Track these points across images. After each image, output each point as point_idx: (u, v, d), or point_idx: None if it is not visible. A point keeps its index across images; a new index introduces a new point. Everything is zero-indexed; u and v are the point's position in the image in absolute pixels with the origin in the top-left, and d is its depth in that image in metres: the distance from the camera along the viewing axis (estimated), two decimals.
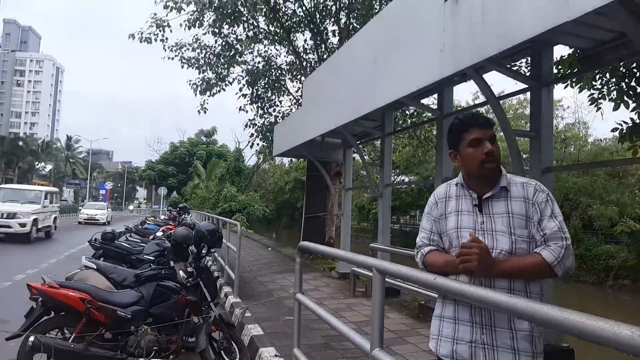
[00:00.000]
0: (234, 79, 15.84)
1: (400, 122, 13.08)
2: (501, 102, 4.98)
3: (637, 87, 5.24)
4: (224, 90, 15.75)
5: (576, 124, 29.91)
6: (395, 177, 35.58)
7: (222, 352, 4.74)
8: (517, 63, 7.06)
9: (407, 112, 12.85)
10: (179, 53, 15.33)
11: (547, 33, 3.27)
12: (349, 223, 10.42)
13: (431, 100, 10.67)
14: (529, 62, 5.57)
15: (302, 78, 15.36)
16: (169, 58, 15.28)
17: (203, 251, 5.09)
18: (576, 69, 5.36)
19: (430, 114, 8.40)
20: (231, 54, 14.85)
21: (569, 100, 59.66)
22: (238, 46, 14.95)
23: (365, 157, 14.10)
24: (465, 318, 2.01)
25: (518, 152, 4.90)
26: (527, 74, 5.54)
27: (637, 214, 24.00)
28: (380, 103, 5.79)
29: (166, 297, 4.57)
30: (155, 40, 14.27)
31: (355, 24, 13.87)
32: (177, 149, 60.07)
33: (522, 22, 3.28)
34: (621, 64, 5.15)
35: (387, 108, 7.05)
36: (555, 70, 5.37)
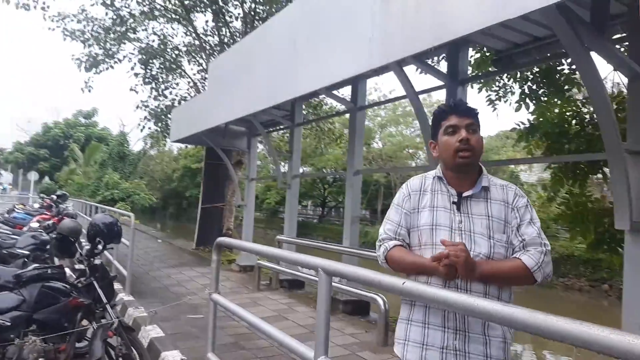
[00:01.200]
0: (124, 57, 14.57)
1: (305, 112, 12.98)
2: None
3: (539, 89, 5.61)
4: (112, 67, 14.44)
5: None
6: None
7: (120, 359, 4.22)
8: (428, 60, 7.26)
9: (311, 102, 12.79)
10: (61, 24, 13.71)
11: (478, 31, 3.29)
12: (252, 214, 10.09)
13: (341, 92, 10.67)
14: (444, 58, 5.70)
15: (202, 61, 14.59)
16: (49, 29, 13.57)
17: (99, 247, 4.48)
18: (486, 70, 5.60)
19: (336, 106, 8.33)
20: (123, 29, 13.59)
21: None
22: (131, 21, 13.72)
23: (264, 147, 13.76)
24: (437, 322, 1.87)
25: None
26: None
27: None
28: (299, 92, 5.56)
29: (53, 300, 3.94)
30: (35, 7, 12.62)
31: (260, 10, 13.42)
32: (51, 130, 54.35)
33: (461, 17, 3.25)
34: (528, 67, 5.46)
35: (302, 98, 6.85)
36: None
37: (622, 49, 4.28)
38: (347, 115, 8.59)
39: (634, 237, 3.38)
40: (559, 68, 5.74)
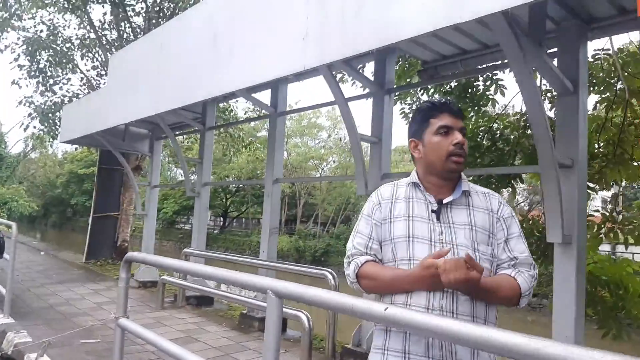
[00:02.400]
0: (6, 47, 12.87)
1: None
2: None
3: (458, 104, 5.71)
4: None
5: None
6: (190, 175, 34.24)
7: None
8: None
9: (220, 106, 12.19)
10: None
11: (409, 39, 3.16)
12: (153, 225, 9.27)
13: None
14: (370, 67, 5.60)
15: (97, 56, 13.34)
16: None
17: None
18: (406, 81, 5.59)
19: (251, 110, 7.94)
20: (6, 15, 11.99)
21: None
22: (16, 7, 12.16)
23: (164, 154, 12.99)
24: (419, 352, 1.61)
25: (362, 156, 4.83)
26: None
27: None
28: (217, 92, 5.10)
29: None
30: None
31: (165, 6, 12.61)
32: None
33: (406, 20, 3.08)
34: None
35: (218, 99, 6.38)
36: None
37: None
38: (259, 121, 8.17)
39: (564, 249, 3.43)
40: (475, 83, 5.91)
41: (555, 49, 3.76)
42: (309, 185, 31.79)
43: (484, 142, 6.31)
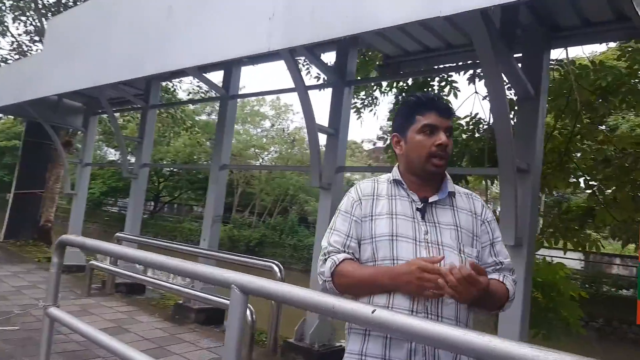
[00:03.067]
0: None
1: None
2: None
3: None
4: None
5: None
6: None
7: None
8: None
9: (163, 85, 11.57)
10: None
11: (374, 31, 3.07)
12: (83, 206, 8.64)
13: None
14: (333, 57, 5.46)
15: (32, 19, 12.25)
16: None
17: None
18: (365, 74, 5.52)
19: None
20: None
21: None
22: None
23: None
24: (401, 357, 1.51)
25: (318, 147, 4.69)
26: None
27: None
28: (166, 67, 4.76)
29: None
30: None
31: None
32: None
33: (383, 8, 2.97)
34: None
35: (165, 76, 6.01)
36: None
37: None
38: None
39: (516, 252, 3.48)
40: (431, 83, 5.95)
41: (520, 54, 3.81)
42: (248, 174, 31.26)
43: None
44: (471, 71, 6.23)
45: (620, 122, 7.77)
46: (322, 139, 4.88)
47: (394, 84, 6.05)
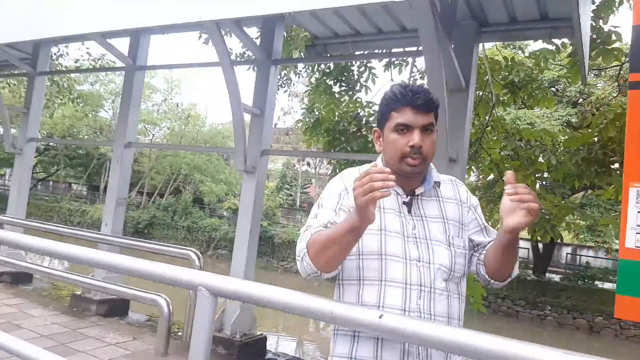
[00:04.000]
0: None
1: None
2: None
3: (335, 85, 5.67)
4: None
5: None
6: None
7: None
8: None
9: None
10: None
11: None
12: None
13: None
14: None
15: None
16: None
17: None
18: (287, 53, 5.34)
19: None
20: None
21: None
22: None
23: None
24: (394, 359, 1.43)
25: (244, 128, 4.45)
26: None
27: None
28: (65, 31, 4.19)
29: None
30: None
31: None
32: None
33: None
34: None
35: (57, 41, 5.32)
36: None
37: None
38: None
39: None
40: (352, 68, 5.94)
41: (453, 46, 3.89)
42: (136, 151, 29.35)
43: (350, 127, 6.43)
44: (387, 59, 6.35)
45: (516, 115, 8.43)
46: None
47: (316, 66, 5.94)
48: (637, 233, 1.60)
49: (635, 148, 1.62)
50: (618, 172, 4.50)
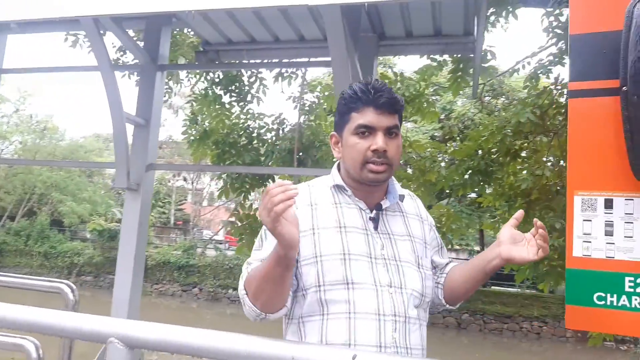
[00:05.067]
0: None
1: None
2: None
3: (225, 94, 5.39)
4: None
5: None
6: None
7: None
8: None
9: None
10: None
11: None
12: None
13: None
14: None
15: None
16: None
17: None
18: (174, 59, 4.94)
19: None
20: None
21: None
22: None
23: None
24: None
25: (126, 140, 3.95)
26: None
27: (107, 212, 25.38)
28: None
29: None
30: None
31: None
32: None
33: None
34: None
35: None
36: None
37: None
38: None
39: None
40: (243, 78, 5.70)
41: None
42: None
43: (241, 139, 6.16)
44: (277, 69, 6.23)
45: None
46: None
47: (205, 75, 5.56)
48: (583, 242, 1.60)
49: (577, 157, 1.62)
50: (499, 181, 4.88)
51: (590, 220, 1.54)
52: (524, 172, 4.93)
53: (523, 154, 5.15)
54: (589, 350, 14.12)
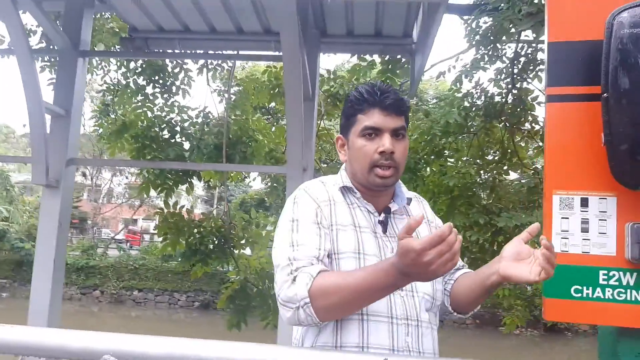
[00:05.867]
0: None
1: None
2: None
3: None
4: None
5: None
6: None
7: None
8: None
9: None
10: None
11: None
12: None
13: None
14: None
15: None
16: None
17: None
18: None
19: None
20: None
21: None
22: None
23: None
24: None
25: (45, 133, 3.56)
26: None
27: None
28: None
29: None
30: None
31: None
32: None
33: None
34: None
35: None
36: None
37: None
38: None
39: None
40: (168, 69, 5.38)
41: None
42: None
43: (163, 133, 5.82)
44: (202, 61, 5.98)
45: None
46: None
47: (126, 63, 5.15)
48: (562, 238, 1.68)
49: (554, 157, 1.71)
50: (424, 179, 5.11)
51: (567, 218, 1.63)
52: (448, 170, 5.19)
53: (446, 152, 5.43)
54: (488, 335, 15.35)
